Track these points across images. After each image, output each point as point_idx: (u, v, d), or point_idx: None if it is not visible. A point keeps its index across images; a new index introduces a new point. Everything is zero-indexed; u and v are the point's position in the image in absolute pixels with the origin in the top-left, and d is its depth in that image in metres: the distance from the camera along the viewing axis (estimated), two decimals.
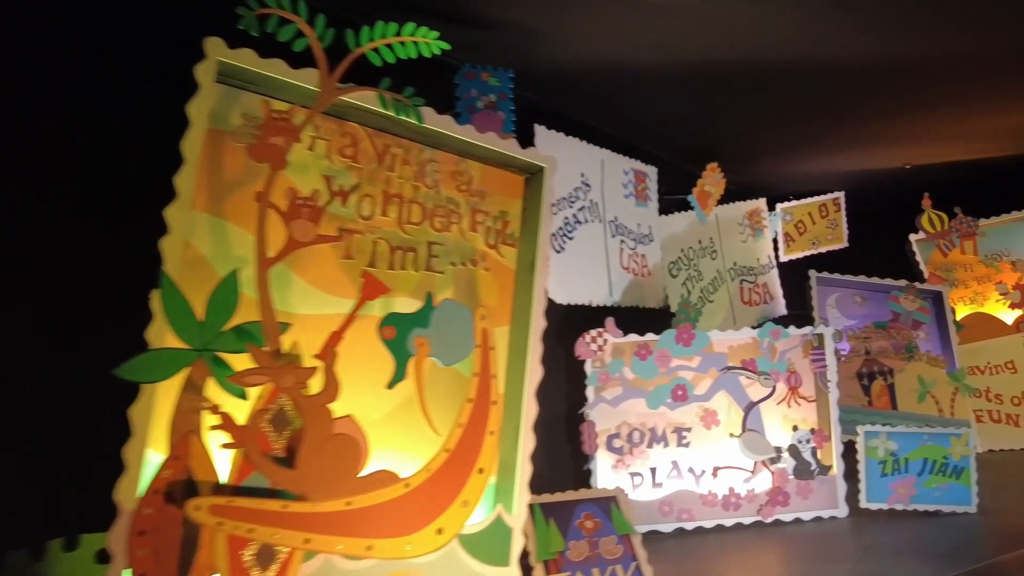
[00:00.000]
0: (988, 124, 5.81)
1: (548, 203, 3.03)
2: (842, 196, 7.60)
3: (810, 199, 7.60)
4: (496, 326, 2.91)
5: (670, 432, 4.30)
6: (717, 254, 6.03)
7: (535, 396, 2.91)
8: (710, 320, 5.84)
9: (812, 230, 7.63)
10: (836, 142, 6.35)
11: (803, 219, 7.58)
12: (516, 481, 2.76)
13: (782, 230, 7.47)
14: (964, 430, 4.22)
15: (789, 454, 4.27)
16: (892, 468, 4.22)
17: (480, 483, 2.59)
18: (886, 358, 5.84)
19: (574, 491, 3.24)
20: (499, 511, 2.69)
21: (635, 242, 5.00)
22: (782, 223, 7.47)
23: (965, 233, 6.60)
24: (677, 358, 4.27)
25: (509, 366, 2.92)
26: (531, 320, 2.89)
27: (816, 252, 7.59)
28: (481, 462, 2.60)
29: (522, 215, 3.08)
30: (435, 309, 2.64)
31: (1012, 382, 6.39)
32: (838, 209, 7.63)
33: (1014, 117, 5.65)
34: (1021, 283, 6.48)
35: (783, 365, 4.33)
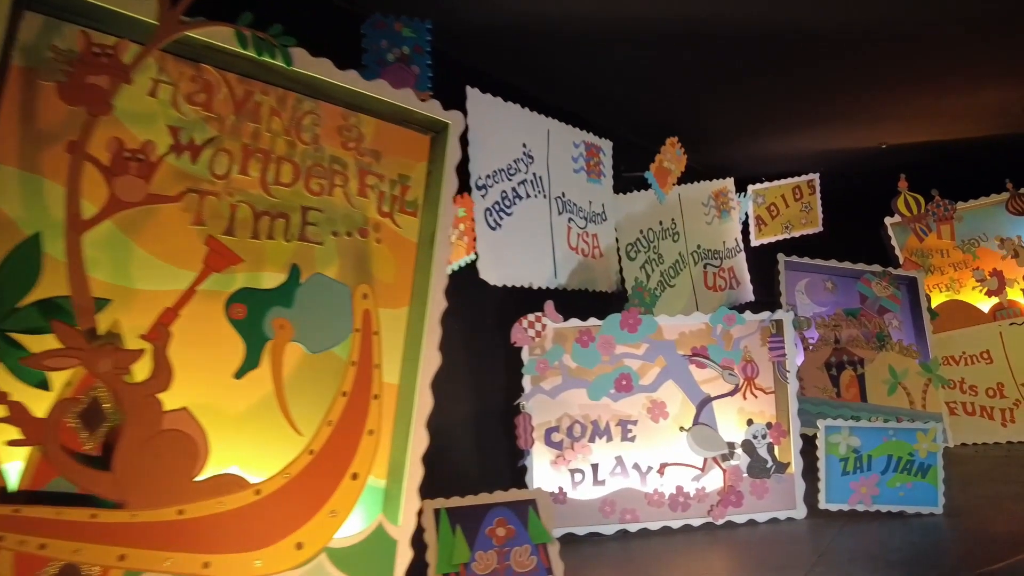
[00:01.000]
0: (966, 101, 5.42)
1: (452, 166, 2.62)
2: (817, 178, 7.21)
3: (783, 181, 7.21)
4: (390, 307, 2.51)
5: (614, 425, 3.92)
6: (679, 236, 5.63)
7: (430, 388, 2.52)
8: (671, 306, 5.46)
9: (785, 213, 7.24)
10: (808, 119, 5.95)
11: (776, 202, 7.19)
12: (403, 487, 2.37)
13: (753, 213, 7.09)
14: (932, 425, 3.86)
15: (743, 450, 3.89)
16: (854, 466, 3.85)
17: (353, 490, 2.19)
18: (856, 347, 5.47)
19: (488, 494, 2.85)
20: (380, 521, 2.30)
21: (585, 220, 4.60)
22: (753, 205, 7.07)
23: (942, 217, 6.23)
24: (622, 345, 3.88)
25: (406, 354, 2.53)
26: (428, 301, 2.49)
27: (789, 236, 7.24)
28: (356, 466, 2.20)
29: (427, 180, 2.67)
30: (302, 286, 2.24)
31: (988, 373, 6.04)
32: (813, 192, 7.24)
33: (992, 93, 5.26)
34: (998, 269, 6.11)
35: (738, 353, 3.94)
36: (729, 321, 3.94)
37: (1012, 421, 5.82)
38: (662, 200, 5.03)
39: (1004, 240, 6.15)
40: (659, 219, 5.46)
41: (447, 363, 3.69)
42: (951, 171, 6.56)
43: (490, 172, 3.81)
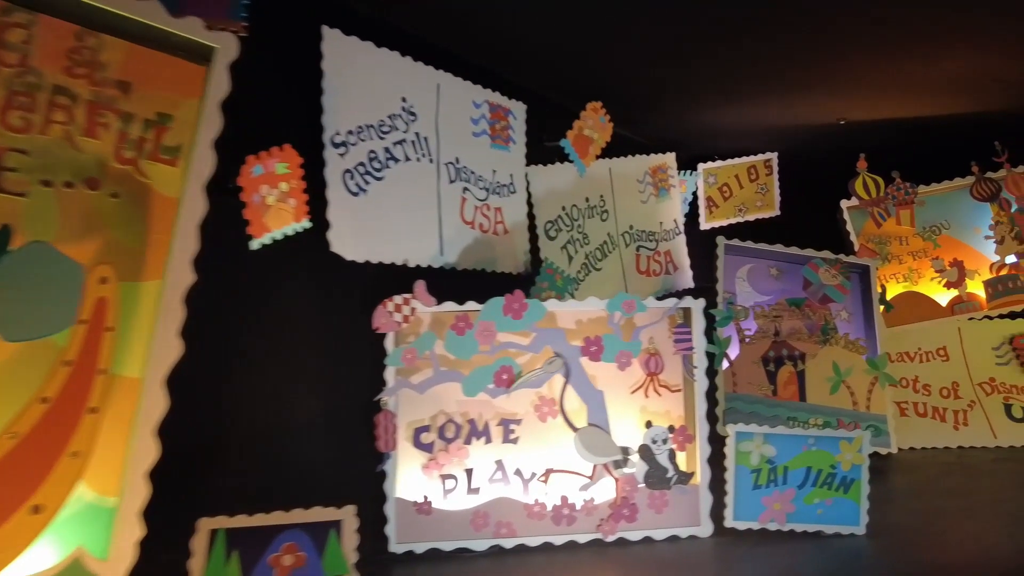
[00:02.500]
0: (925, 72, 4.82)
1: (215, 103, 2.03)
2: (775, 158, 6.62)
3: (737, 160, 6.60)
4: (134, 280, 1.94)
5: (495, 425, 3.35)
6: (609, 215, 5.04)
7: (166, 386, 1.94)
8: (597, 291, 4.81)
9: (739, 195, 6.65)
10: (762, 90, 5.31)
11: (729, 182, 6.60)
12: (116, 510, 1.80)
13: (704, 194, 6.52)
14: (857, 434, 3.30)
15: (640, 457, 3.33)
16: (767, 478, 3.30)
17: (31, 527, 1.62)
18: (798, 341, 4.90)
19: (284, 511, 2.30)
20: (77, 556, 1.74)
21: (487, 192, 4.01)
22: (705, 186, 6.51)
23: (902, 201, 5.64)
24: (504, 333, 3.31)
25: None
26: (166, 276, 1.91)
27: (743, 220, 6.67)
28: (43, 495, 1.64)
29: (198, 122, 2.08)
30: (9, 254, 1.66)
31: (943, 371, 5.48)
32: (769, 172, 6.65)
33: (953, 64, 4.65)
34: (959, 259, 5.55)
35: (636, 345, 3.37)
36: (629, 308, 3.36)
37: (965, 424, 5.27)
38: (582, 173, 4.44)
39: (998, 224, 5.50)
40: (585, 195, 4.87)
41: (293, 354, 3.14)
42: (915, 151, 5.96)
43: (353, 128, 3.20)
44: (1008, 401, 5.33)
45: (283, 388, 3.06)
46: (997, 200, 5.54)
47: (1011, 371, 5.43)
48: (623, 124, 5.70)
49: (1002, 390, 5.37)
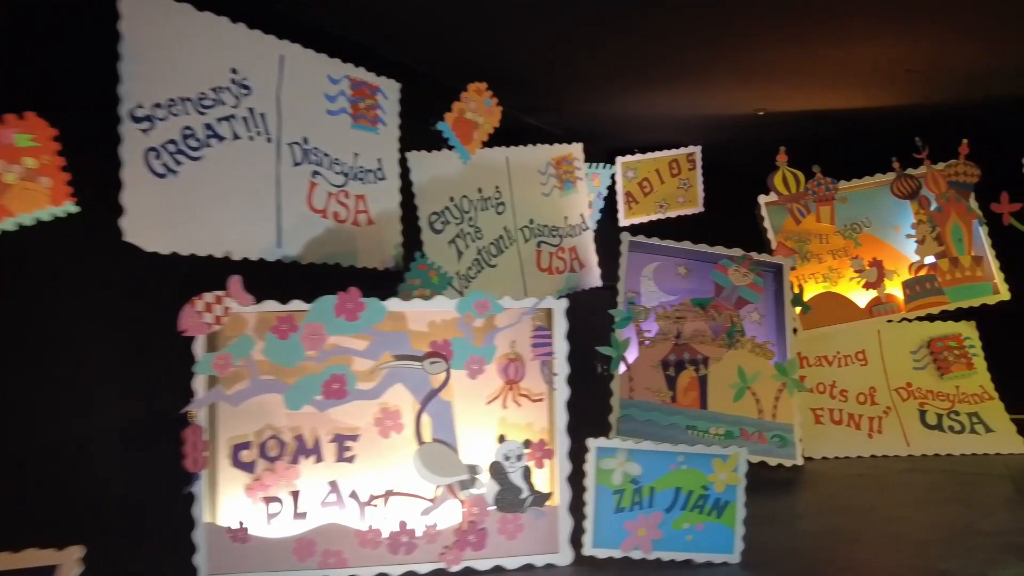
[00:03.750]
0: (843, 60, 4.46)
1: None
2: (698, 152, 6.28)
3: (658, 153, 6.24)
4: None
5: (328, 441, 2.92)
6: (506, 208, 4.63)
7: None
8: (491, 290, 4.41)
9: (660, 190, 6.29)
10: (677, 77, 4.93)
11: (649, 177, 6.23)
12: None
13: (623, 188, 6.15)
14: (733, 451, 2.92)
15: (491, 476, 2.92)
16: (632, 500, 2.91)
17: None
18: (701, 344, 4.53)
19: None
20: None
21: (345, 177, 3.56)
22: (623, 180, 6.14)
23: (822, 197, 5.30)
24: (337, 337, 2.87)
25: None
26: None
27: (664, 217, 6.31)
28: None
29: None
30: None
31: (861, 376, 5.17)
32: (692, 167, 6.30)
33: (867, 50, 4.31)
34: (879, 259, 5.22)
35: (490, 350, 2.96)
36: (481, 309, 2.94)
37: (879, 432, 4.95)
38: (465, 160, 4.00)
39: (921, 222, 5.19)
40: (478, 185, 4.46)
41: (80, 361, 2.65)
42: (837, 145, 5.66)
43: (161, 101, 2.74)
44: (923, 407, 5.03)
45: (62, 400, 2.59)
46: (917, 198, 5.24)
47: (928, 375, 5.14)
48: (526, 111, 5.32)
49: (918, 395, 5.07)
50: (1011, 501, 3.64)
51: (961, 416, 4.98)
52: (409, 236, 4.04)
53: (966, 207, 5.20)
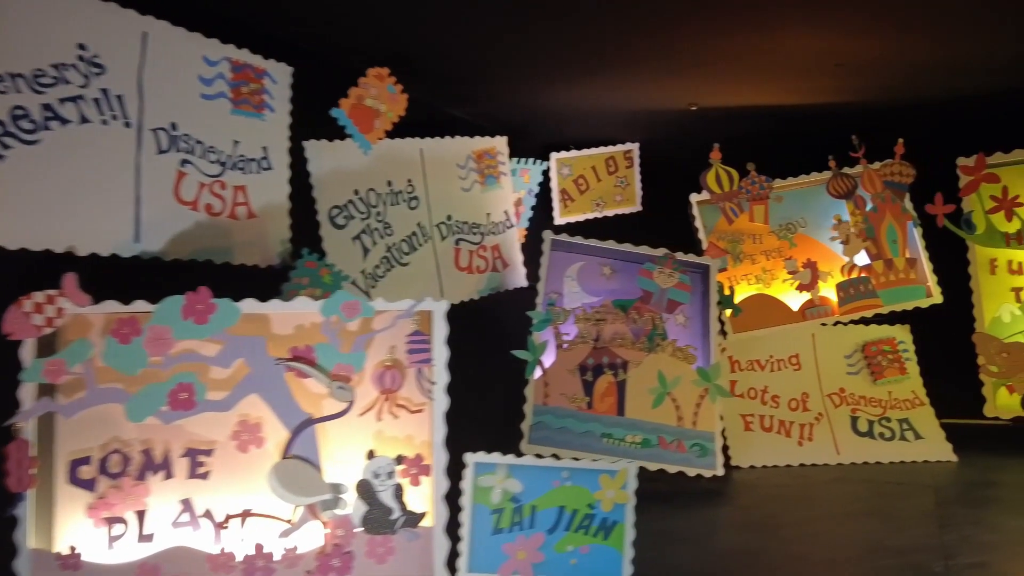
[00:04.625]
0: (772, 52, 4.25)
1: None
2: (635, 149, 6.08)
3: (594, 150, 6.02)
4: None
5: (179, 456, 2.64)
6: (419, 202, 4.36)
7: None
8: (403, 290, 4.19)
9: (597, 188, 6.08)
10: (608, 69, 4.65)
11: (585, 174, 6.02)
12: None
13: (558, 186, 5.92)
14: (622, 466, 2.69)
15: (358, 495, 2.66)
16: (511, 521, 2.67)
17: None
18: (621, 347, 4.30)
19: None
20: None
21: (222, 166, 3.26)
22: (558, 177, 5.91)
23: (756, 196, 5.11)
24: (185, 341, 2.59)
25: None
26: None
27: (601, 215, 6.09)
28: None
29: None
30: None
31: (794, 381, 4.98)
32: (630, 164, 6.11)
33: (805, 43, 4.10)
34: (813, 260, 5.04)
35: (359, 357, 2.69)
36: (350, 311, 2.68)
37: (809, 439, 4.77)
38: (365, 150, 3.75)
39: (841, 222, 5.04)
40: (387, 178, 4.18)
41: None
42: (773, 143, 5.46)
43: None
44: (855, 413, 4.85)
45: None
46: (853, 197, 5.06)
47: (861, 381, 4.97)
48: (449, 101, 5.05)
49: (851, 401, 4.89)
50: (927, 515, 3.46)
51: (892, 423, 4.81)
52: (308, 231, 3.76)
53: (901, 208, 5.04)
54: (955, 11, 3.76)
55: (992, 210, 4.97)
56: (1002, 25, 3.93)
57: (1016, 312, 4.95)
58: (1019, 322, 4.92)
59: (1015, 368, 4.78)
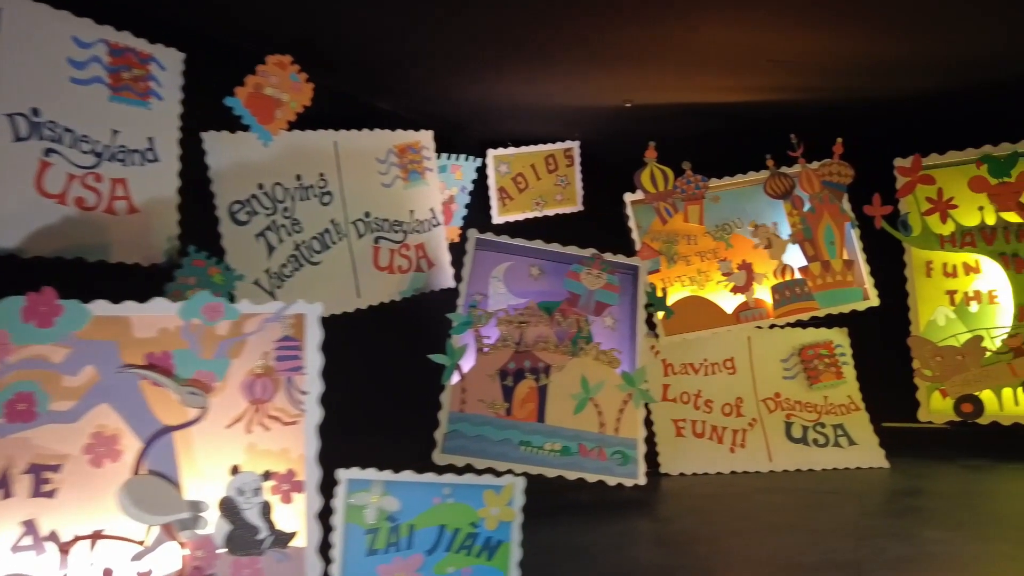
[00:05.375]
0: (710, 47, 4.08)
1: None
2: (576, 147, 5.90)
3: (533, 147, 5.84)
4: None
5: (20, 472, 2.40)
6: (333, 198, 4.14)
7: None
8: (313, 290, 3.96)
9: (536, 187, 5.89)
10: (541, 62, 4.46)
11: (524, 172, 5.83)
12: None
13: (496, 184, 5.73)
14: (508, 481, 2.50)
15: (221, 513, 2.45)
16: (387, 541, 2.47)
17: None
18: (544, 351, 4.11)
19: None
20: None
21: (98, 157, 3.01)
22: (496, 175, 5.72)
23: (691, 196, 4.96)
24: (25, 347, 2.36)
25: None
26: None
27: (541, 215, 5.91)
28: None
29: None
30: None
31: (729, 385, 4.83)
32: (570, 163, 5.93)
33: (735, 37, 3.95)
34: (748, 262, 4.91)
35: (221, 364, 2.48)
36: (212, 314, 2.46)
37: (742, 446, 4.63)
38: (265, 142, 3.54)
39: (758, 227, 4.95)
40: (296, 172, 3.96)
41: None
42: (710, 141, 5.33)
43: None
44: (790, 419, 4.72)
45: None
46: (790, 198, 4.93)
47: (797, 385, 4.83)
48: (371, 92, 4.83)
49: (786, 406, 4.76)
50: (847, 525, 3.32)
51: (827, 428, 4.69)
52: (205, 228, 3.53)
53: (839, 208, 4.93)
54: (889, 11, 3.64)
55: (928, 212, 4.89)
56: (937, 26, 3.81)
57: (951, 315, 4.87)
58: (953, 325, 4.84)
59: (948, 372, 4.69)
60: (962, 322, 4.82)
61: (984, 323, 4.76)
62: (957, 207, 4.81)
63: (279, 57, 3.48)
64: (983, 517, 3.39)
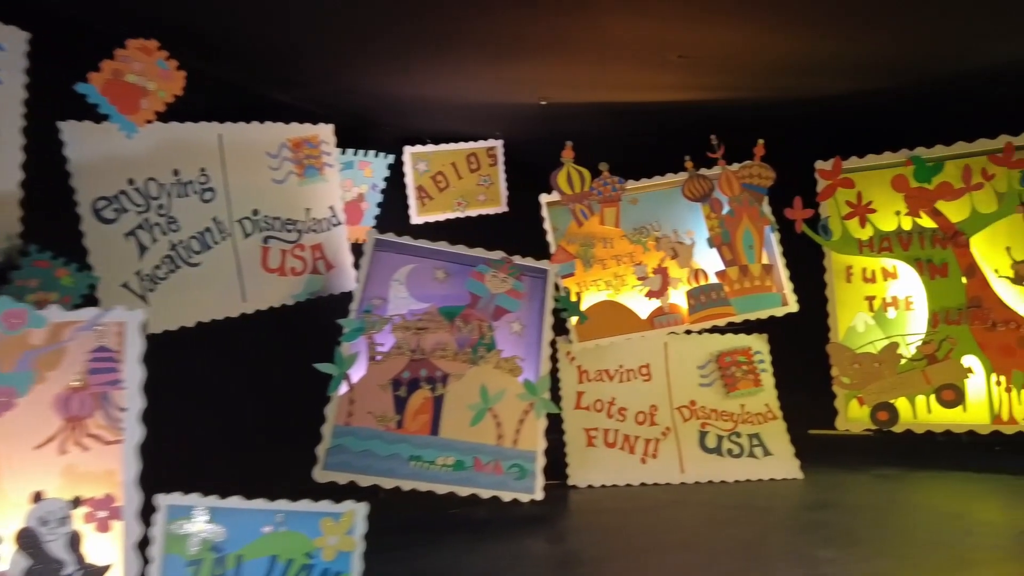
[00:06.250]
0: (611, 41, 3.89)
1: None
2: (499, 146, 5.68)
3: (454, 145, 5.61)
4: None
5: None
6: (216, 194, 3.86)
7: None
8: (191, 293, 3.72)
9: (458, 186, 5.65)
10: (453, 54, 4.22)
11: (445, 171, 5.59)
12: None
13: (414, 182, 5.49)
14: (348, 507, 2.27)
15: (18, 547, 2.18)
16: (211, 573, 2.23)
17: None
18: (442, 359, 3.89)
19: None
20: None
21: None
22: (414, 173, 5.48)
23: (608, 198, 4.78)
24: None
25: None
26: None
27: (464, 215, 5.69)
28: None
29: None
30: None
31: (644, 393, 4.65)
32: (493, 163, 5.70)
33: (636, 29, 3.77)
34: (664, 266, 4.75)
35: (23, 377, 2.20)
36: (12, 322, 2.18)
37: (654, 456, 4.46)
38: (129, 133, 3.23)
39: (660, 239, 4.78)
40: (173, 166, 3.67)
41: None
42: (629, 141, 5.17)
43: None
44: (705, 428, 4.56)
45: None
46: (709, 200, 4.79)
47: (714, 393, 4.68)
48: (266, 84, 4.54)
49: (701, 415, 4.60)
50: (744, 546, 3.15)
51: (742, 438, 4.54)
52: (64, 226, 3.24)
53: (759, 212, 4.79)
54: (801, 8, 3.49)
55: (847, 216, 4.78)
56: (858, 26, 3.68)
57: (870, 322, 4.77)
58: (872, 332, 4.74)
59: (866, 379, 4.58)
60: (881, 328, 4.73)
61: (901, 330, 4.67)
62: (876, 211, 4.72)
63: (142, 42, 3.19)
64: (882, 531, 3.26)
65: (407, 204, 5.41)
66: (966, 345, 4.46)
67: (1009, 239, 4.44)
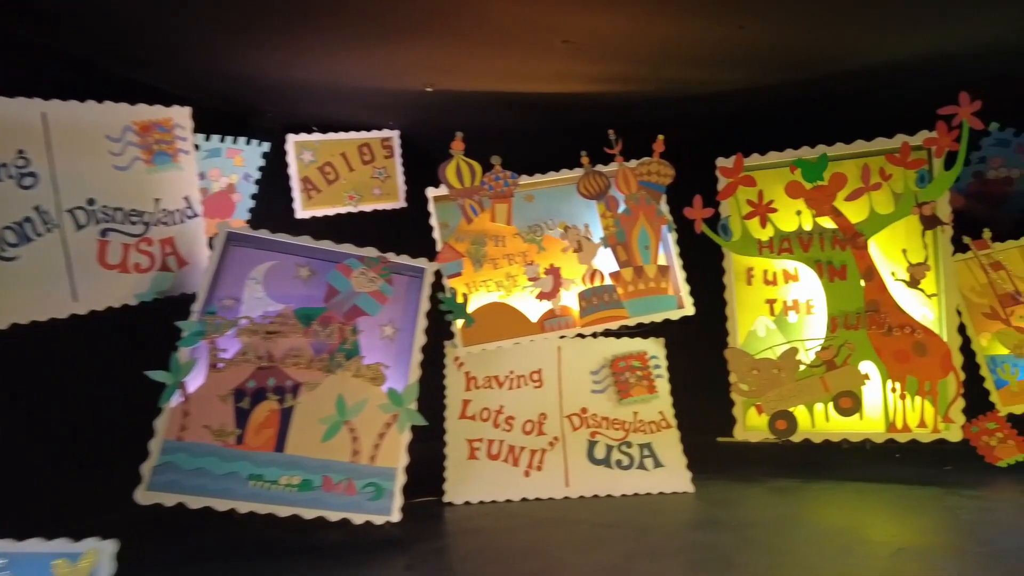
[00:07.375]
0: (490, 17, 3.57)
1: None
2: (395, 137, 5.29)
3: (344, 135, 5.18)
4: None
5: None
6: (38, 180, 3.38)
7: None
8: (7, 291, 3.24)
9: (349, 178, 5.23)
10: (333, 35, 3.80)
11: (334, 161, 5.16)
12: None
13: (299, 173, 5.07)
14: (89, 547, 1.89)
15: None
16: None
17: None
18: (295, 366, 3.50)
19: None
20: None
21: None
22: (299, 163, 5.06)
23: (499, 193, 4.45)
24: None
25: None
26: None
27: (357, 210, 5.28)
28: None
29: None
30: None
31: (533, 400, 4.32)
32: (389, 154, 5.29)
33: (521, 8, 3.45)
34: (556, 267, 4.44)
35: None
36: None
37: (538, 469, 4.13)
38: None
39: (568, 228, 4.49)
40: None
41: None
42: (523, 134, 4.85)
43: None
44: (595, 437, 4.26)
45: None
46: (605, 198, 4.49)
47: (606, 400, 4.38)
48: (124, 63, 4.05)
49: (592, 423, 4.30)
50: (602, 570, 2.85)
51: (633, 448, 4.25)
52: None
53: (656, 211, 4.52)
54: None
55: (748, 215, 4.52)
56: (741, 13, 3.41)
57: (771, 326, 4.54)
58: (773, 336, 4.51)
59: (765, 386, 4.35)
60: (782, 333, 4.51)
61: (801, 335, 4.45)
62: (777, 211, 4.49)
63: None
64: (760, 553, 2.99)
65: (290, 197, 5.00)
66: (864, 351, 4.26)
67: (906, 241, 4.26)
